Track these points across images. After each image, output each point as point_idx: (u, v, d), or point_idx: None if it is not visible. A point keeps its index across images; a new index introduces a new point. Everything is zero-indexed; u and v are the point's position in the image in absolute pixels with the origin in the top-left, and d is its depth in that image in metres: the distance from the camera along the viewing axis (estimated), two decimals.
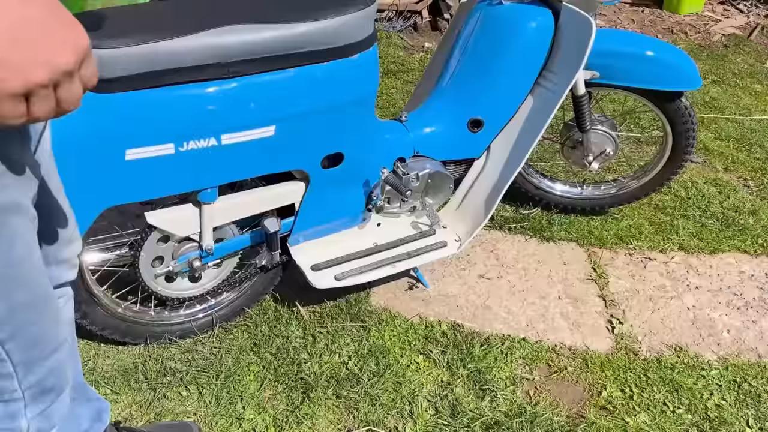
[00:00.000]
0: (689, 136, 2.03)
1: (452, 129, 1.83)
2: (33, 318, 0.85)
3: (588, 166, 2.08)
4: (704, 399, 1.70)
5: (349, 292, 1.94)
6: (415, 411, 1.62)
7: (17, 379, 0.88)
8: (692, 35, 4.11)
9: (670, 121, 2.03)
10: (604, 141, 2.05)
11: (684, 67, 1.89)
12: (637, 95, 1.99)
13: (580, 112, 1.96)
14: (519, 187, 2.22)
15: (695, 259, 2.18)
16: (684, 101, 1.98)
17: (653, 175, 2.18)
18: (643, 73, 1.89)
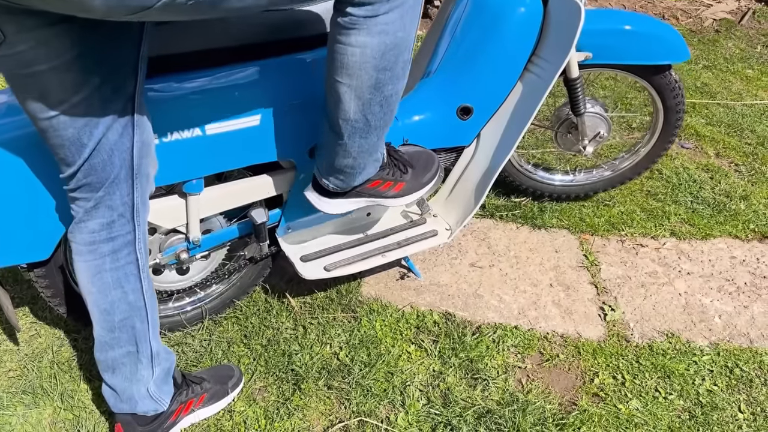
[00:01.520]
0: (679, 110, 2.06)
1: (441, 117, 1.81)
2: None
3: (583, 150, 2.06)
4: (696, 385, 1.70)
5: (339, 282, 1.93)
6: (406, 401, 1.62)
7: None
8: (683, 20, 4.10)
9: (661, 95, 2.04)
10: (598, 123, 2.04)
11: (671, 40, 1.91)
12: (627, 72, 1.99)
13: (574, 96, 1.94)
14: (512, 180, 2.20)
15: (687, 245, 2.18)
16: (673, 74, 1.99)
17: (645, 153, 2.19)
18: (634, 50, 1.89)
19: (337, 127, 1.36)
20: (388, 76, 1.28)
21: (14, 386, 1.63)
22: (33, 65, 1.01)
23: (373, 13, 1.17)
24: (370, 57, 1.23)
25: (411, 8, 1.21)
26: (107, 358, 1.35)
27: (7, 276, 1.92)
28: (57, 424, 1.55)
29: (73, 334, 1.76)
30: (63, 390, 1.62)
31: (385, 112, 1.36)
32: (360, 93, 1.28)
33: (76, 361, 1.69)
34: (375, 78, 1.26)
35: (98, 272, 1.27)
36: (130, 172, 1.21)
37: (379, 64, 1.24)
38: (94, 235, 1.24)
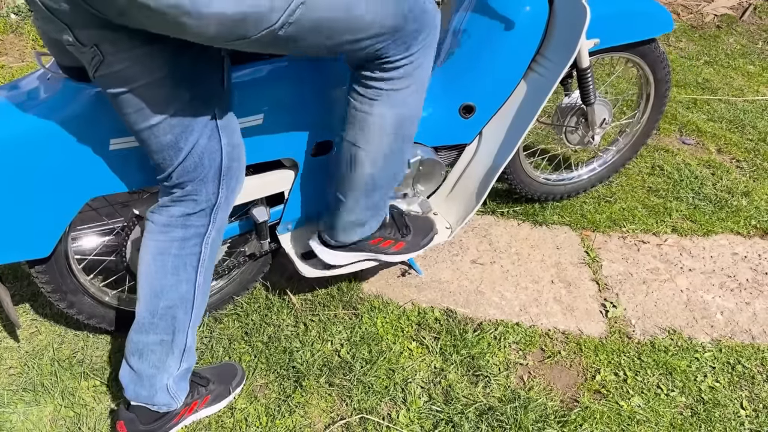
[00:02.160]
0: (667, 80, 2.13)
1: (443, 114, 1.80)
2: None
3: (592, 141, 2.07)
4: (698, 381, 1.70)
5: (340, 279, 1.92)
6: (408, 398, 1.61)
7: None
8: (684, 16, 4.09)
9: (652, 68, 2.10)
10: (602, 109, 2.04)
11: (658, 13, 1.96)
12: (623, 53, 2.01)
13: (585, 85, 1.92)
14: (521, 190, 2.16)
15: (688, 242, 2.17)
16: (660, 46, 2.05)
17: (642, 128, 2.24)
18: (630, 29, 1.93)
19: (345, 187, 1.48)
20: (399, 144, 1.43)
21: (15, 383, 1.63)
22: (129, 83, 1.11)
23: (394, 87, 1.32)
24: (389, 125, 1.38)
25: (422, 86, 1.37)
26: (139, 341, 1.38)
27: (7, 273, 1.92)
28: (58, 422, 1.55)
29: (74, 331, 1.76)
30: (64, 387, 1.62)
31: (391, 176, 1.49)
32: (374, 157, 1.42)
33: (77, 359, 1.69)
34: (389, 145, 1.41)
35: (162, 253, 1.33)
36: (218, 173, 1.30)
37: (396, 132, 1.39)
38: (171, 219, 1.32)
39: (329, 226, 1.59)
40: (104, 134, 1.31)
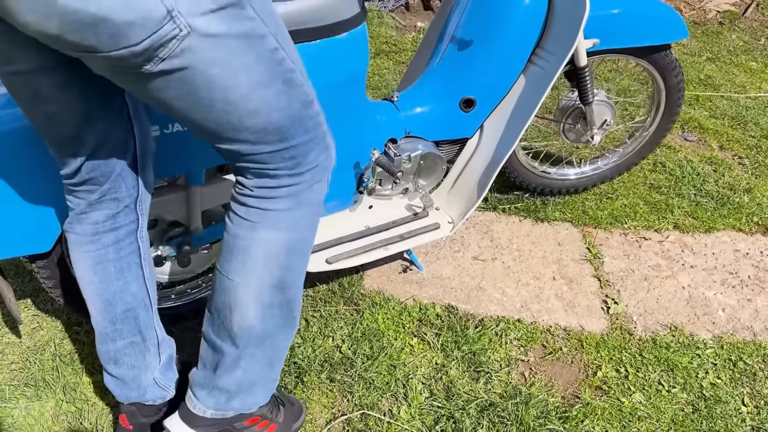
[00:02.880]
0: (680, 88, 2.08)
1: (444, 109, 1.80)
2: (298, 57, 1.09)
3: (591, 140, 2.06)
4: (699, 378, 1.69)
5: (342, 275, 1.92)
6: (409, 394, 1.61)
7: (318, 107, 1.13)
8: (687, 12, 4.07)
9: (663, 75, 2.06)
10: (604, 110, 2.03)
11: (671, 20, 1.93)
12: (630, 56, 1.99)
13: (582, 84, 1.91)
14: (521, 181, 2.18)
15: (690, 238, 2.17)
16: (673, 53, 2.01)
17: (650, 135, 2.21)
18: (638, 32, 1.90)
19: (227, 334, 1.22)
20: (291, 277, 1.20)
21: (16, 379, 1.63)
22: (14, 63, 0.99)
23: (281, 207, 1.15)
24: (276, 253, 1.16)
25: (316, 207, 1.20)
26: (109, 350, 1.34)
27: (8, 268, 1.92)
28: (59, 417, 1.55)
29: (75, 326, 1.76)
30: (65, 382, 1.62)
31: (286, 318, 1.24)
32: (260, 294, 1.18)
33: (78, 354, 1.69)
34: (279, 276, 1.18)
35: (101, 262, 1.27)
36: (135, 164, 1.22)
37: (284, 262, 1.17)
38: (97, 226, 1.24)
39: (203, 384, 1.27)
40: None
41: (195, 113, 1.00)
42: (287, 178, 1.14)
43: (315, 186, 1.18)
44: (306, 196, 1.17)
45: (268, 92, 1.02)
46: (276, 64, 1.01)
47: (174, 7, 0.85)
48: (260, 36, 0.97)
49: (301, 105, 1.08)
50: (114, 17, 0.82)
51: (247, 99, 1.00)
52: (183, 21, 0.87)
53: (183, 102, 0.98)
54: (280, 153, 1.10)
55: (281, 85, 1.03)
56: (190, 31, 0.88)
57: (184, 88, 0.95)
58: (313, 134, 1.13)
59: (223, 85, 0.96)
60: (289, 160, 1.12)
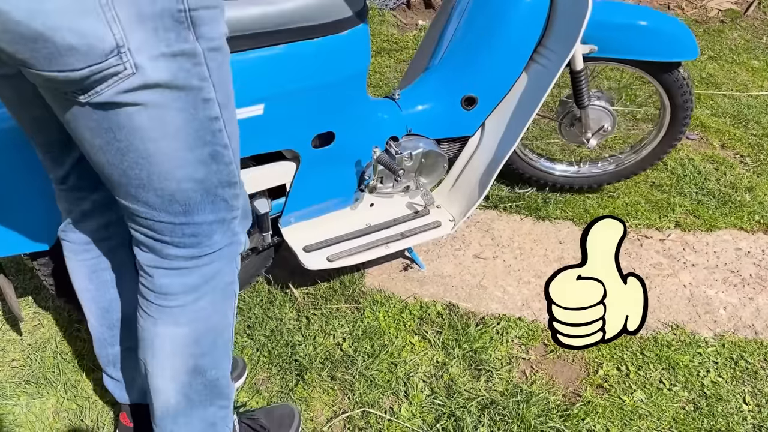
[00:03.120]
0: (687, 107, 2.02)
1: (446, 107, 1.80)
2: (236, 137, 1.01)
3: (586, 143, 2.05)
4: (701, 376, 1.69)
5: (343, 273, 1.92)
6: (410, 392, 1.61)
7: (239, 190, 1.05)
8: (689, 10, 4.07)
9: (668, 93, 2.01)
10: (602, 116, 2.02)
11: (681, 37, 1.88)
12: (634, 68, 1.97)
13: (578, 88, 1.93)
14: (515, 168, 2.20)
15: (692, 237, 2.17)
16: (682, 72, 1.96)
17: (651, 149, 2.17)
18: (641, 45, 1.87)
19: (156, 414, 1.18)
20: (208, 360, 1.14)
21: (17, 376, 1.63)
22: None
23: (179, 304, 1.07)
24: (183, 346, 1.10)
25: (223, 291, 1.11)
26: (108, 354, 1.33)
27: (9, 266, 1.92)
28: (60, 414, 1.55)
29: (76, 324, 1.76)
30: (66, 380, 1.62)
31: (212, 394, 1.18)
32: (178, 378, 1.13)
33: (80, 351, 1.69)
34: (193, 363, 1.13)
35: (96, 271, 1.25)
36: None
37: (195, 350, 1.12)
38: (91, 235, 1.22)
39: None
40: None
41: (105, 154, 0.92)
42: (182, 261, 1.04)
43: (224, 270, 1.09)
44: (208, 286, 1.08)
45: (189, 158, 0.94)
46: (209, 133, 0.94)
47: (124, 43, 0.80)
48: (204, 99, 0.91)
49: (219, 183, 1.00)
50: (56, 38, 0.76)
51: (165, 158, 0.92)
52: (131, 59, 0.81)
53: (96, 137, 0.90)
54: (181, 227, 1.01)
55: (207, 156, 0.96)
56: (135, 72, 0.82)
57: (103, 124, 0.88)
58: (222, 216, 1.05)
59: (145, 135, 0.89)
60: (189, 237, 1.03)
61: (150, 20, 0.81)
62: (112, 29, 0.78)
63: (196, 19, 0.85)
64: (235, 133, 1.00)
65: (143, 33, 0.81)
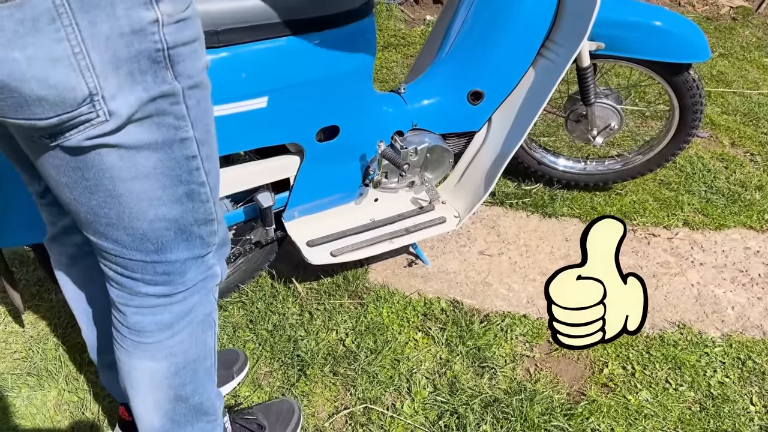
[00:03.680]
0: (697, 110, 1.98)
1: (452, 101, 1.78)
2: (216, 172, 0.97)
3: (592, 140, 2.03)
4: (707, 376, 1.67)
5: (346, 268, 1.91)
6: (413, 388, 1.60)
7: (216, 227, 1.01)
8: (700, 7, 4.03)
9: (678, 94, 1.97)
10: (609, 115, 2.00)
11: (692, 38, 1.83)
12: (643, 67, 1.93)
13: (584, 85, 1.91)
14: (521, 162, 2.18)
15: (700, 235, 2.14)
16: (692, 73, 1.92)
17: (659, 150, 2.13)
18: (650, 45, 1.83)
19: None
20: (190, 389, 1.11)
21: (19, 368, 1.63)
22: None
23: (154, 340, 1.03)
24: (161, 379, 1.07)
25: (201, 323, 1.07)
26: (103, 358, 1.31)
27: (13, 257, 1.92)
28: (62, 407, 1.55)
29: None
30: (68, 372, 1.61)
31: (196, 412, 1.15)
32: (160, 405, 1.11)
33: (82, 344, 1.68)
34: (174, 393, 1.10)
35: (85, 283, 1.21)
36: None
37: (174, 382, 1.09)
38: (76, 249, 1.18)
39: None
40: None
41: (71, 191, 0.87)
42: (154, 299, 1.01)
43: (193, 310, 1.05)
44: (184, 321, 1.04)
45: (163, 198, 0.90)
46: (186, 172, 0.90)
47: (98, 91, 0.75)
48: (181, 139, 0.86)
49: (195, 221, 0.96)
50: (23, 89, 0.71)
51: (137, 198, 0.88)
52: (104, 107, 0.76)
53: (62, 176, 0.85)
54: (153, 265, 0.97)
55: (182, 195, 0.92)
56: (109, 119, 0.77)
57: (71, 163, 0.83)
58: (197, 253, 1.00)
59: (115, 175, 0.84)
60: (161, 275, 0.98)
61: (126, 64, 0.76)
62: (85, 78, 0.73)
63: (175, 56, 0.80)
64: (214, 169, 0.96)
65: (118, 79, 0.76)
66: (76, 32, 0.71)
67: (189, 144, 0.88)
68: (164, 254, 0.96)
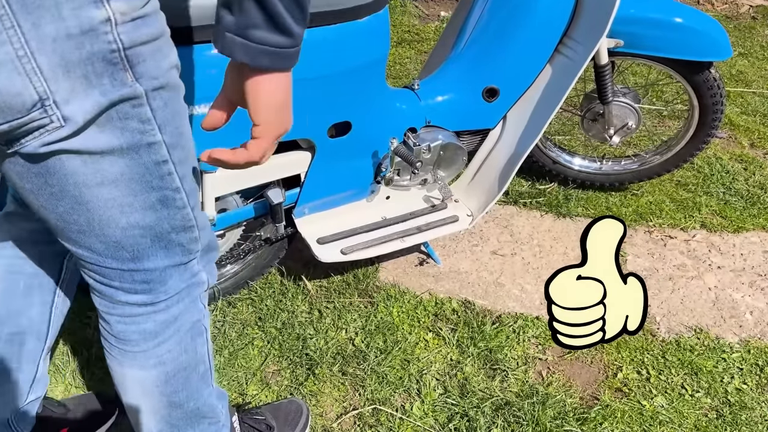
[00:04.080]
0: (717, 110, 1.94)
1: (466, 98, 1.75)
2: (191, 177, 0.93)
3: (609, 140, 1.99)
4: (724, 383, 1.63)
5: (357, 266, 1.88)
6: (422, 390, 1.57)
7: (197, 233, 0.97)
8: (719, 6, 3.96)
9: (698, 93, 1.92)
10: (626, 114, 1.96)
11: (714, 36, 1.79)
12: (662, 65, 1.89)
13: (602, 83, 1.87)
14: (536, 161, 2.15)
15: (718, 238, 2.10)
16: (713, 72, 1.88)
17: (677, 151, 2.09)
18: (671, 42, 1.79)
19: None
20: (183, 395, 1.08)
21: None
22: None
23: (141, 349, 1.00)
24: (152, 387, 1.04)
25: (189, 331, 1.04)
26: None
27: None
28: None
29: (88, 311, 1.74)
30: (74, 368, 1.60)
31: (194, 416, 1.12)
32: (155, 411, 1.08)
33: (89, 339, 1.67)
34: (167, 400, 1.07)
35: (13, 273, 1.13)
36: None
37: (166, 390, 1.06)
38: (24, 234, 1.12)
39: None
40: None
41: (37, 198, 0.83)
42: (135, 308, 0.97)
43: (179, 318, 1.01)
44: (170, 330, 1.01)
45: (135, 205, 0.86)
46: (157, 178, 0.86)
47: (48, 96, 0.71)
48: (148, 143, 0.82)
49: (171, 228, 0.92)
50: None
51: (105, 204, 0.84)
52: (57, 112, 0.73)
53: (26, 182, 0.82)
54: (130, 273, 0.93)
55: (155, 201, 0.88)
56: (64, 124, 0.74)
57: (32, 169, 0.79)
58: (179, 261, 0.97)
59: (79, 181, 0.80)
60: (140, 284, 0.95)
61: (78, 67, 0.71)
62: (32, 82, 0.69)
63: (134, 57, 0.75)
64: (188, 174, 0.91)
65: (71, 82, 0.72)
66: (18, 35, 0.67)
67: (157, 148, 0.84)
68: (141, 262, 0.93)
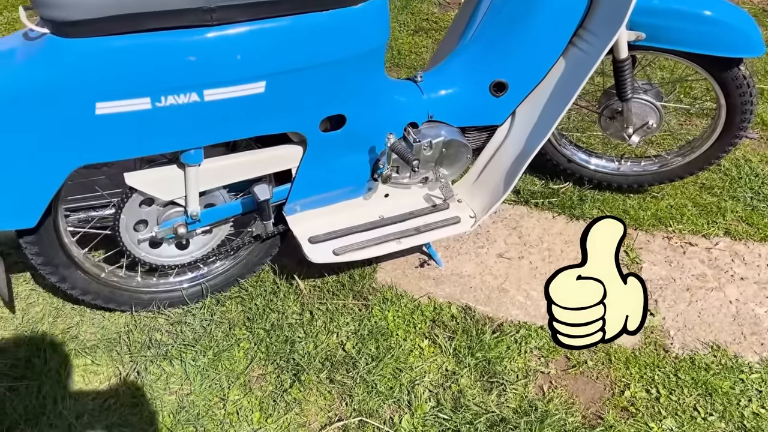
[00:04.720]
0: (746, 110, 1.80)
1: (472, 92, 1.65)
2: None
3: (627, 139, 1.87)
4: (741, 406, 1.51)
5: (353, 266, 1.79)
6: (414, 402, 1.48)
7: None
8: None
9: (725, 91, 1.79)
10: (647, 112, 1.83)
11: (745, 31, 1.65)
12: (687, 61, 1.76)
13: (621, 79, 1.75)
14: (549, 159, 2.03)
15: (742, 247, 1.96)
16: (743, 70, 1.74)
17: (701, 152, 1.96)
18: (696, 36, 1.66)
19: None
20: None
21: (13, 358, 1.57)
22: None
23: None
24: None
25: None
26: None
27: (6, 241, 1.85)
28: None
29: (71, 305, 1.68)
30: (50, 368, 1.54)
31: None
32: None
33: (70, 334, 1.61)
34: None
35: None
36: None
37: None
38: None
39: None
40: (88, 96, 1.20)
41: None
42: None
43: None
44: None
45: None
46: None
47: None
48: None
49: None
50: None
51: None
52: None
53: None
54: None
55: None
56: None
57: None
58: None
59: None
60: None
61: None
62: None
63: None
64: None
65: None
66: None
67: None
68: None
